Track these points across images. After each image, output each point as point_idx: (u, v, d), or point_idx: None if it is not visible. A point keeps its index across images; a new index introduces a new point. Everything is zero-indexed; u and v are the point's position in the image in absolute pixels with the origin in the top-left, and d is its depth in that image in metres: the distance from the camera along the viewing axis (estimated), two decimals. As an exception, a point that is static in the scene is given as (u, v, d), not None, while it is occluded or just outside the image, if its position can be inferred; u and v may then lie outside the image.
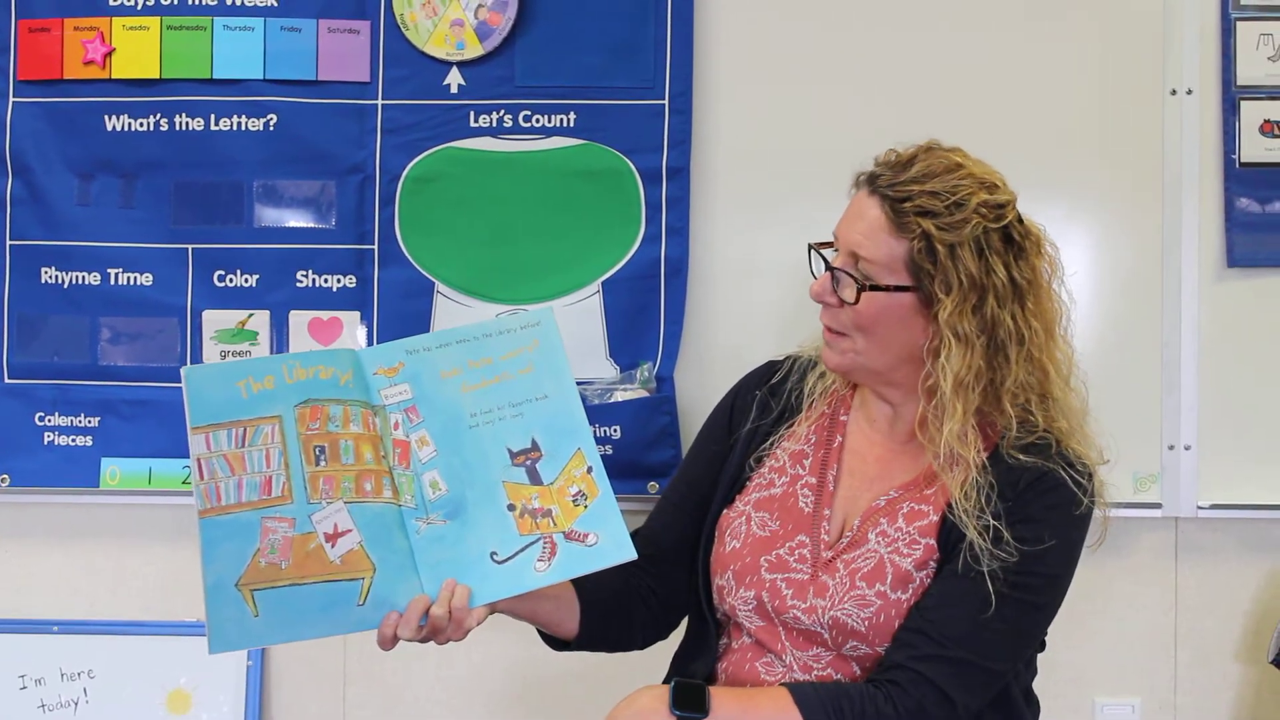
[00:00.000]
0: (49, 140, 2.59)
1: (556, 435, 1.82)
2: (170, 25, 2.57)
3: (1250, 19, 2.53)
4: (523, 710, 2.64)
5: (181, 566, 2.64)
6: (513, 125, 2.56)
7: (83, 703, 2.59)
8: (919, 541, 1.85)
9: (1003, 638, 1.81)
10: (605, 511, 1.79)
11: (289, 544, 1.72)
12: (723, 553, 1.94)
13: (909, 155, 1.87)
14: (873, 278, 1.83)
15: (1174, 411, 2.54)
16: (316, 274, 2.59)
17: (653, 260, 2.55)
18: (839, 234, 1.89)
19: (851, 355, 1.89)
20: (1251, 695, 2.60)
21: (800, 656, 1.87)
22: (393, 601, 1.74)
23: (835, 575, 1.85)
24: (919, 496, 1.88)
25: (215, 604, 1.70)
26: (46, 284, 2.60)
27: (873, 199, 1.85)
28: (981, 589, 1.78)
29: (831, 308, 1.88)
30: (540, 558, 1.77)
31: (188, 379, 1.75)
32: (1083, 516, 1.86)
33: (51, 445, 2.60)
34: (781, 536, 1.90)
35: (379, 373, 1.82)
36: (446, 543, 1.77)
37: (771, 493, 1.94)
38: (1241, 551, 2.60)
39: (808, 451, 1.96)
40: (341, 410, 1.78)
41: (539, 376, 1.84)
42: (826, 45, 2.55)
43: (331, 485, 1.75)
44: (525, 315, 1.89)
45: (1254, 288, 2.54)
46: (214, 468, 1.73)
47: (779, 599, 1.87)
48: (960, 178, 1.83)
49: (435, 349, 1.84)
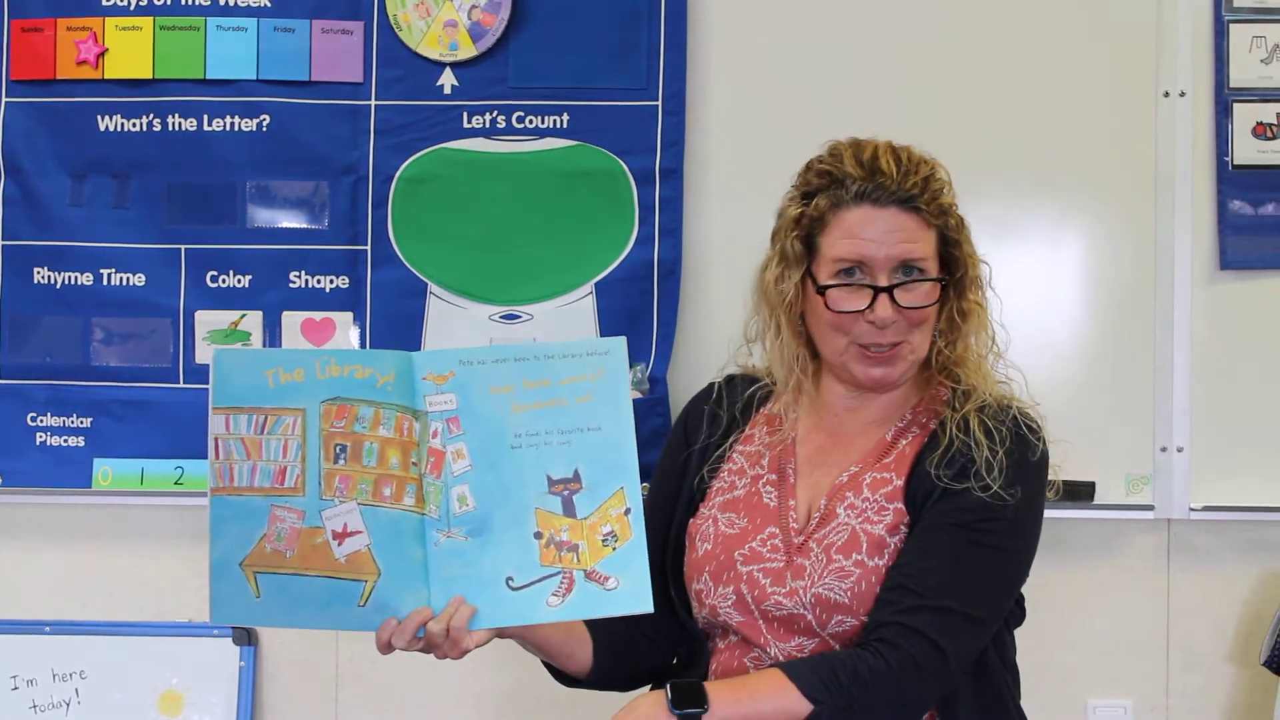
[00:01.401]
0: (41, 140, 2.59)
1: (601, 470, 1.77)
2: (163, 25, 2.57)
3: (1243, 21, 2.53)
4: (514, 712, 2.64)
5: (174, 567, 2.63)
6: (506, 126, 2.56)
7: (74, 703, 2.59)
8: (887, 507, 1.86)
9: (981, 585, 1.83)
10: (632, 557, 1.75)
11: (295, 535, 1.71)
12: (695, 558, 1.94)
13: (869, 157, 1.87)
14: (930, 273, 1.86)
15: (1166, 414, 2.54)
16: (309, 275, 2.59)
17: (646, 261, 2.55)
18: (865, 256, 1.85)
19: (910, 358, 1.90)
20: (1243, 697, 2.61)
21: (784, 647, 1.87)
22: (395, 608, 1.73)
23: (810, 556, 1.86)
24: (880, 465, 1.89)
25: (219, 579, 1.71)
26: (39, 284, 2.60)
27: (887, 209, 1.85)
28: (954, 539, 1.81)
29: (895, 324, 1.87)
30: (555, 592, 1.74)
31: (217, 360, 1.74)
32: (1040, 463, 1.88)
33: (44, 446, 2.60)
34: (752, 531, 1.91)
35: (428, 378, 1.78)
36: (463, 559, 1.75)
37: (735, 495, 1.95)
38: (1234, 553, 2.60)
39: (763, 451, 1.97)
40: (372, 412, 1.76)
41: (596, 407, 1.78)
42: (820, 47, 2.55)
43: (348, 485, 1.74)
44: (596, 342, 1.83)
45: (1246, 290, 2.55)
46: (230, 449, 1.72)
47: (757, 588, 1.87)
48: (919, 158, 1.87)
49: (491, 363, 1.79)
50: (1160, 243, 2.53)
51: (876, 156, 1.87)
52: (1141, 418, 2.53)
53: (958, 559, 1.81)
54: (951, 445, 1.85)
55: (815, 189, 1.89)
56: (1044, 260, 2.54)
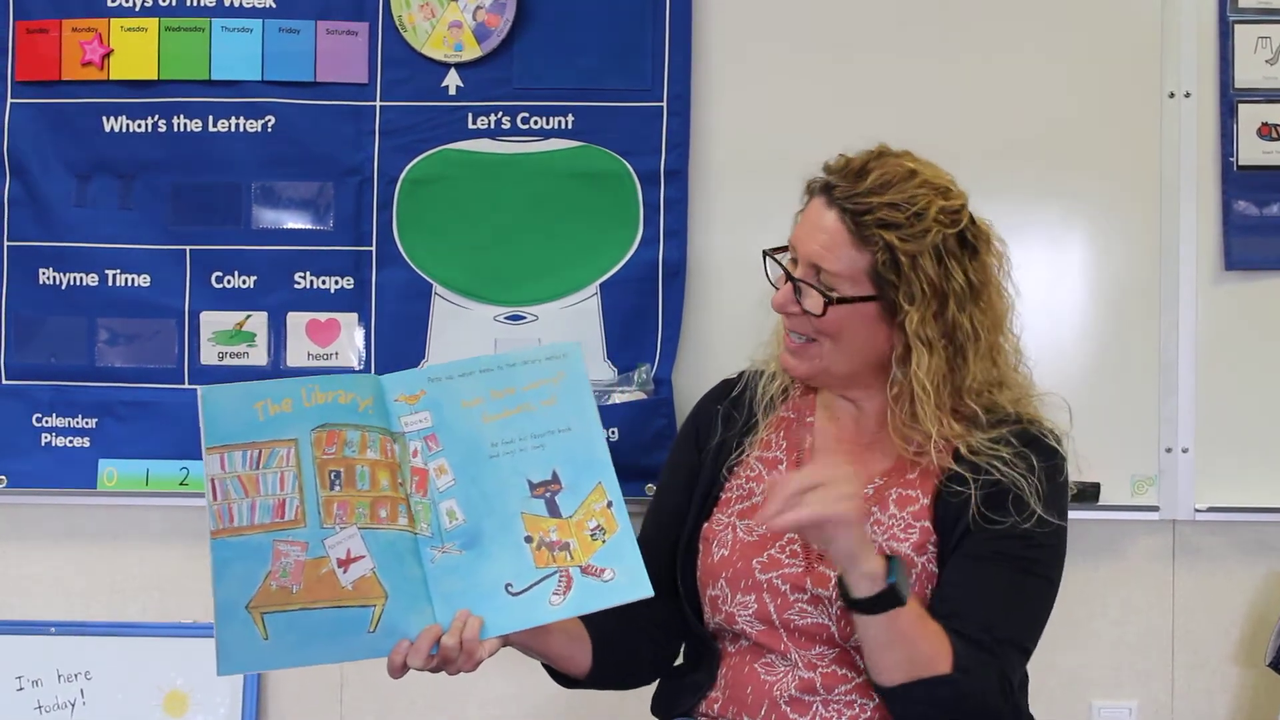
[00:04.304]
0: (47, 141, 2.59)
1: (577, 468, 1.80)
2: (168, 26, 2.57)
3: (1248, 22, 2.53)
4: (518, 712, 2.64)
5: (179, 568, 2.64)
6: (511, 127, 2.56)
7: (79, 704, 2.59)
8: (914, 525, 1.86)
9: (1037, 617, 1.87)
10: (623, 547, 1.78)
11: (300, 568, 1.70)
12: (711, 562, 1.94)
13: (861, 162, 1.88)
14: (836, 289, 1.85)
15: (1171, 414, 2.54)
16: (314, 275, 2.59)
17: (651, 262, 2.55)
18: (797, 243, 1.90)
19: (817, 362, 1.90)
20: (1249, 698, 2.60)
21: (805, 655, 1.87)
22: (404, 630, 1.73)
23: (834, 566, 1.85)
24: (904, 482, 1.89)
25: (225, 625, 1.69)
26: (44, 285, 2.60)
27: (831, 210, 1.86)
28: (1003, 573, 1.82)
29: (795, 316, 1.89)
30: (555, 591, 1.76)
31: (204, 399, 1.74)
32: (1065, 483, 1.91)
33: (49, 446, 2.60)
34: (770, 539, 1.90)
35: (400, 399, 1.80)
36: (461, 573, 1.76)
37: (753, 501, 1.94)
38: (1239, 554, 2.60)
39: (780, 456, 1.97)
40: (359, 436, 1.76)
41: (562, 409, 1.82)
42: (824, 48, 2.55)
43: (346, 510, 1.74)
44: (551, 346, 1.88)
45: (1251, 291, 2.55)
46: (228, 489, 1.71)
47: (779, 598, 1.87)
48: (917, 186, 1.84)
49: (458, 377, 1.82)
50: (1165, 243, 2.53)
51: (856, 163, 1.88)
52: (1146, 419, 2.53)
53: (1009, 592, 1.83)
54: (979, 471, 1.84)
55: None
56: (1048, 261, 2.53)
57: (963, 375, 1.86)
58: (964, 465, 1.86)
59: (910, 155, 1.90)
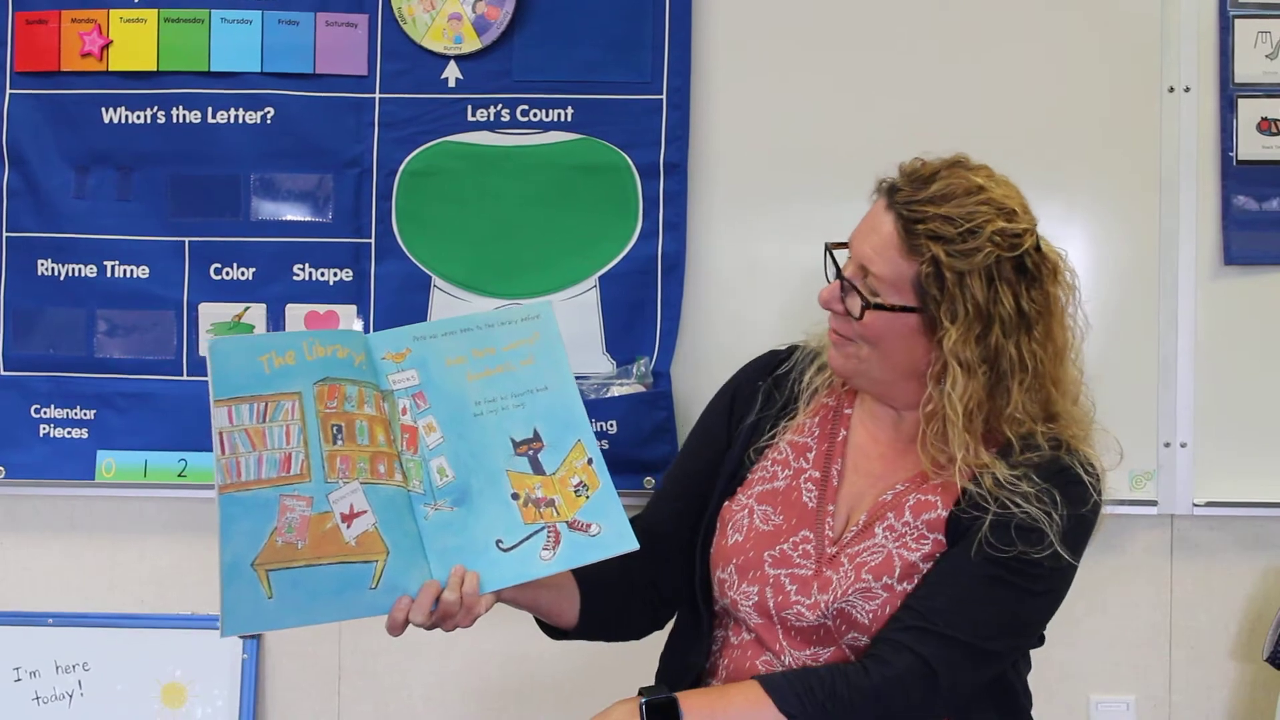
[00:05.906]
0: (45, 132, 2.59)
1: (557, 427, 1.83)
2: (167, 18, 2.57)
3: (1248, 16, 2.53)
4: (517, 706, 2.64)
5: (177, 559, 2.64)
6: (510, 119, 2.56)
7: (77, 695, 2.59)
8: (927, 536, 1.85)
9: (998, 620, 1.81)
10: (607, 502, 1.80)
11: (306, 523, 1.71)
12: (725, 545, 1.94)
13: (931, 170, 1.84)
14: (879, 295, 1.82)
15: (1170, 409, 2.54)
16: (313, 267, 2.59)
17: (650, 255, 2.55)
18: (853, 242, 1.88)
19: (855, 362, 1.88)
20: (1246, 693, 2.61)
21: (799, 656, 1.87)
22: (404, 586, 1.75)
23: (840, 570, 1.85)
24: (925, 488, 1.87)
25: (231, 584, 1.70)
26: (42, 276, 2.60)
27: (889, 214, 1.83)
28: (978, 571, 1.79)
29: (838, 315, 1.88)
30: (545, 546, 1.78)
31: (213, 350, 1.75)
32: (1090, 514, 1.86)
33: (47, 438, 2.60)
34: (785, 531, 1.90)
35: (386, 357, 1.83)
36: (454, 529, 1.78)
37: (774, 486, 1.94)
38: (1237, 549, 2.60)
39: (811, 444, 1.96)
40: (357, 391, 1.78)
41: (539, 369, 1.85)
42: (825, 41, 2.55)
43: (348, 465, 1.75)
44: (525, 308, 1.90)
45: (1251, 285, 2.54)
46: (235, 442, 1.72)
47: (782, 594, 1.87)
48: (979, 203, 1.80)
49: (441, 336, 1.86)
50: (1164, 238, 2.53)
51: (927, 170, 1.85)
52: (1145, 413, 2.53)
53: (974, 589, 1.79)
54: (997, 501, 1.80)
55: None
56: (1048, 255, 2.53)
57: (1003, 404, 1.82)
58: (983, 490, 1.82)
59: (986, 170, 1.85)
